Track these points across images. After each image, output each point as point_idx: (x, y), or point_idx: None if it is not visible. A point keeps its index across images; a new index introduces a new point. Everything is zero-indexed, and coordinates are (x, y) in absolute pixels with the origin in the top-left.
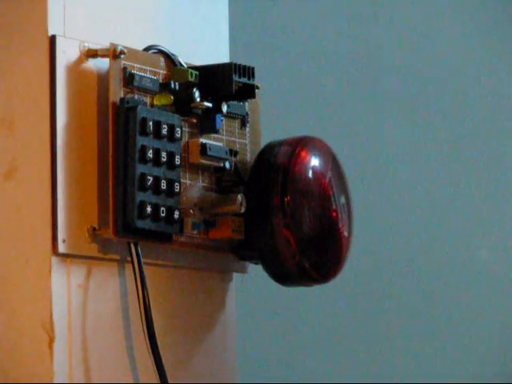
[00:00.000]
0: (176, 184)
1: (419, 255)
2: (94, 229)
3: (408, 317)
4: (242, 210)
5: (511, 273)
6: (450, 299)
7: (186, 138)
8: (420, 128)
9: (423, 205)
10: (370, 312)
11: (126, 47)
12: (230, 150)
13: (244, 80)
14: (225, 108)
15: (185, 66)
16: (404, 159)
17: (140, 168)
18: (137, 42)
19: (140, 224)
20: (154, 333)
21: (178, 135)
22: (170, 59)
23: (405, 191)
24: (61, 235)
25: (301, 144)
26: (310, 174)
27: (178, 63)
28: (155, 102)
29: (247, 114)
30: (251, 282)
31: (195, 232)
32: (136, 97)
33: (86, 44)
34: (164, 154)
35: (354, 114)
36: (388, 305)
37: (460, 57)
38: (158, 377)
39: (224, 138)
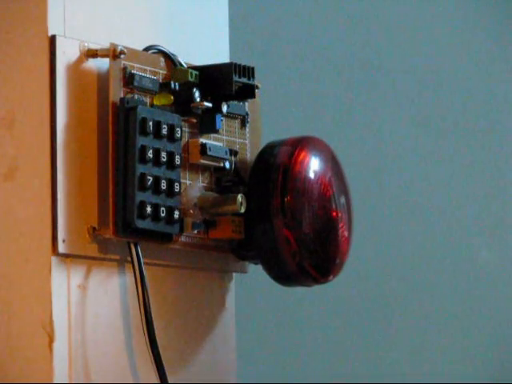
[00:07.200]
0: (176, 184)
1: (419, 255)
2: (94, 229)
3: (408, 317)
4: (242, 209)
5: (511, 273)
6: (449, 299)
7: (186, 138)
8: (420, 128)
9: (423, 204)
10: (370, 312)
11: (126, 47)
12: (230, 150)
13: (244, 80)
14: (225, 108)
15: (185, 66)
16: (404, 159)
17: (140, 168)
18: (137, 42)
19: (140, 224)
20: (154, 333)
21: (177, 135)
22: (170, 59)
23: (405, 191)
24: (61, 235)
25: (301, 144)
26: (310, 173)
27: (177, 63)
28: (155, 102)
29: (247, 113)
30: (251, 282)
31: (195, 232)
32: (136, 97)
33: (86, 44)
34: (164, 154)
35: (354, 113)
36: (388, 305)
37: (460, 57)
38: (157, 377)
39: (224, 137)
